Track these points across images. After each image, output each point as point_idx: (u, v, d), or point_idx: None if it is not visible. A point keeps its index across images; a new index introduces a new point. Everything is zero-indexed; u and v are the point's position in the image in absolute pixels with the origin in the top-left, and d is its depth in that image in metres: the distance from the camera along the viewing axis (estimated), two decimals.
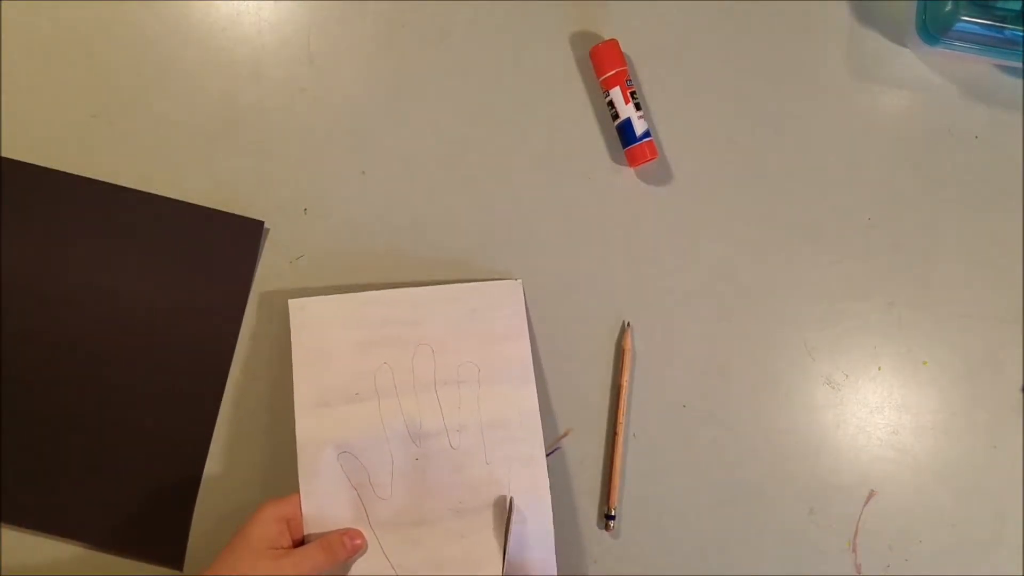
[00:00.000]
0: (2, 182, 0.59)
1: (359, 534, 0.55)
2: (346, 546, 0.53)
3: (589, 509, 0.60)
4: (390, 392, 0.57)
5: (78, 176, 0.60)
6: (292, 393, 0.59)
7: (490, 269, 0.61)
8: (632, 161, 0.61)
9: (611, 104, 0.61)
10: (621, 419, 0.59)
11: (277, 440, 0.58)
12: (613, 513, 0.59)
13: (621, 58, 0.61)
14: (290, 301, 0.57)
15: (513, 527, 0.55)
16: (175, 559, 0.57)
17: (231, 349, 0.59)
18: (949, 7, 0.60)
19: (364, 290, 0.59)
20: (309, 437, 0.55)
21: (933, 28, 0.62)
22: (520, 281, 0.60)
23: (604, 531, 0.59)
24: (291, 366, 0.59)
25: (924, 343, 0.62)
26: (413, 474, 0.56)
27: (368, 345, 0.57)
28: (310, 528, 0.54)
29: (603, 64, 0.61)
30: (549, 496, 0.56)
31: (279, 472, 0.58)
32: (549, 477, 0.57)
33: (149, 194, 0.60)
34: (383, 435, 0.56)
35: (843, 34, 0.65)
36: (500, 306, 0.59)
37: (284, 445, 0.58)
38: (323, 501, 0.55)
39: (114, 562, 0.57)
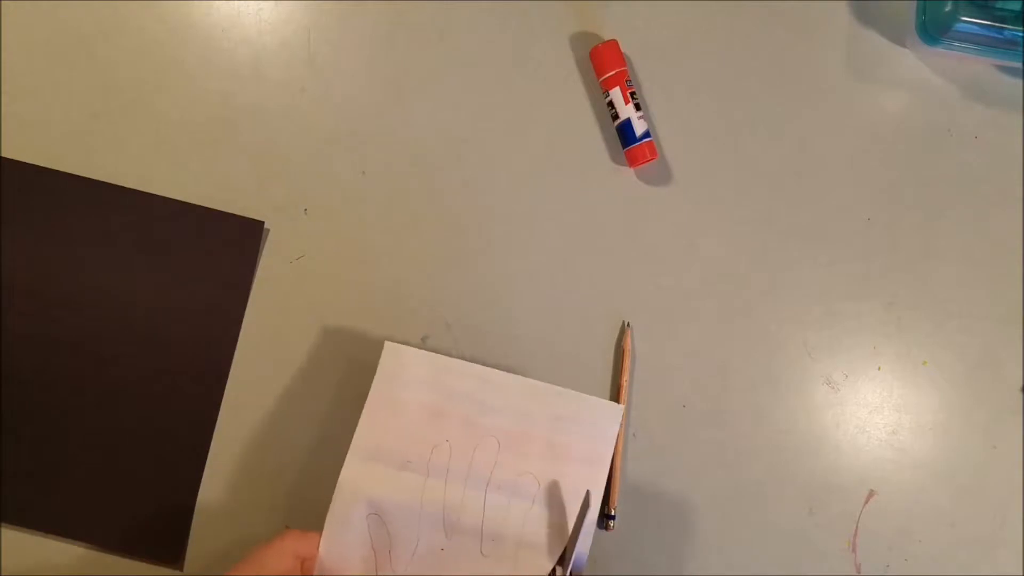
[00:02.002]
0: (2, 182, 0.59)
1: None
2: None
3: None
4: (440, 473, 0.54)
5: (78, 176, 0.60)
6: (291, 395, 0.59)
7: (490, 269, 0.61)
8: (632, 161, 0.62)
9: (611, 104, 0.61)
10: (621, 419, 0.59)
11: (277, 441, 0.59)
12: (613, 513, 0.59)
13: (621, 58, 0.61)
14: (387, 343, 0.55)
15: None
16: (175, 559, 0.57)
17: (231, 349, 0.59)
18: (949, 7, 0.60)
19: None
20: (349, 485, 0.53)
21: (933, 28, 0.62)
22: (623, 408, 0.56)
23: (604, 531, 0.59)
24: (290, 366, 0.59)
25: (924, 343, 0.62)
26: (434, 563, 0.53)
27: (439, 416, 0.55)
28: (320, 574, 0.52)
29: (603, 64, 0.61)
30: None
31: (278, 473, 0.58)
32: None
33: (149, 194, 0.60)
34: (417, 513, 0.53)
35: (843, 34, 0.65)
36: (590, 424, 0.55)
37: (283, 446, 0.59)
38: (341, 552, 0.53)
39: (114, 562, 0.57)
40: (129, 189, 0.60)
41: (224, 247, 0.60)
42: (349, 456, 0.53)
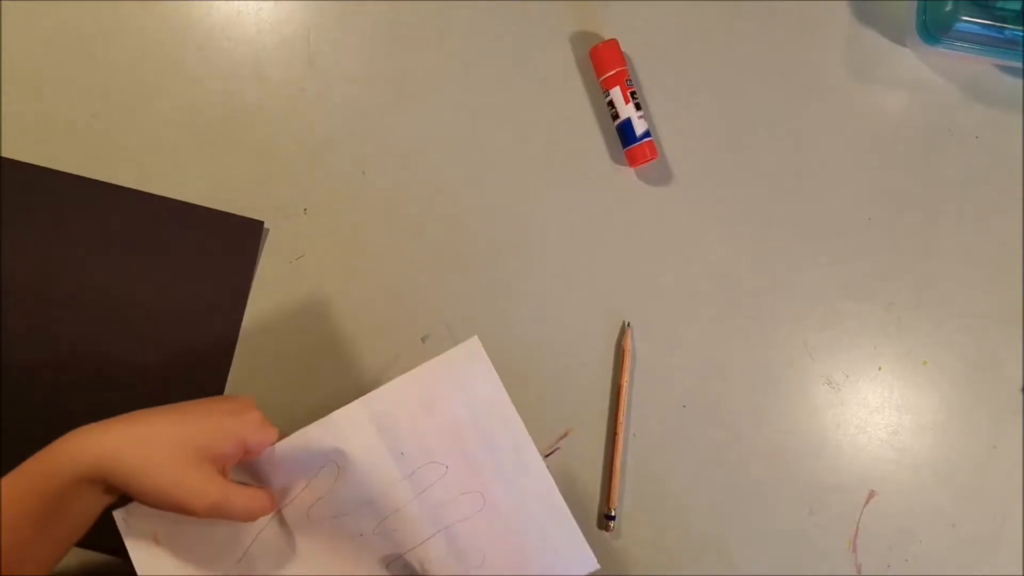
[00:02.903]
0: (2, 182, 0.59)
1: (276, 504, 0.52)
2: (269, 508, 0.50)
3: (589, 509, 0.60)
4: (418, 487, 0.52)
5: (78, 176, 0.60)
6: (291, 395, 0.59)
7: (490, 269, 0.61)
8: (632, 161, 0.62)
9: (611, 104, 0.61)
10: (621, 419, 0.59)
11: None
12: (613, 513, 0.59)
13: (621, 58, 0.61)
14: (475, 337, 0.54)
15: None
16: None
17: (231, 349, 0.59)
18: (949, 7, 0.60)
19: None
20: (337, 426, 0.52)
21: (933, 28, 0.62)
22: (598, 568, 0.54)
23: (604, 531, 0.59)
24: (290, 366, 0.59)
25: (924, 343, 0.62)
26: (343, 540, 0.52)
27: (459, 441, 0.53)
28: (244, 471, 0.51)
29: (603, 64, 0.61)
30: None
31: None
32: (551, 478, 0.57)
33: (149, 194, 0.60)
34: (370, 498, 0.52)
35: (843, 34, 0.65)
36: (564, 559, 0.54)
37: None
38: (283, 467, 0.52)
39: (114, 562, 0.57)
40: (129, 189, 0.60)
41: (224, 247, 0.60)
42: (357, 403, 0.52)
